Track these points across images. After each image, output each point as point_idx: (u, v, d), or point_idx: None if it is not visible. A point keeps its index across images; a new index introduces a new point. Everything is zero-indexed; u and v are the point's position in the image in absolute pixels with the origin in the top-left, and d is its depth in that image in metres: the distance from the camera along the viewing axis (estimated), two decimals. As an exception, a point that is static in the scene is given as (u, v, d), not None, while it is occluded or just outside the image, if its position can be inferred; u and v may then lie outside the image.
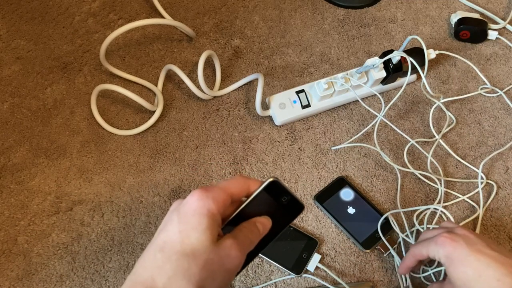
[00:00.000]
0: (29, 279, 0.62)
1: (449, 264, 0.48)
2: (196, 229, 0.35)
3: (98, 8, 0.81)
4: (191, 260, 0.34)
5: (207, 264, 0.34)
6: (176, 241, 0.35)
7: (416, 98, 0.76)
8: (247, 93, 0.76)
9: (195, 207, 0.36)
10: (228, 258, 0.35)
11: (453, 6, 0.85)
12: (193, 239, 0.34)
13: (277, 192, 0.41)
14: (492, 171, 0.70)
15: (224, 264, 0.35)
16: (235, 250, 0.35)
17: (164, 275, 0.33)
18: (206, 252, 0.34)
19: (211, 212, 0.35)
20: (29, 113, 0.72)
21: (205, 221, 0.35)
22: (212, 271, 0.34)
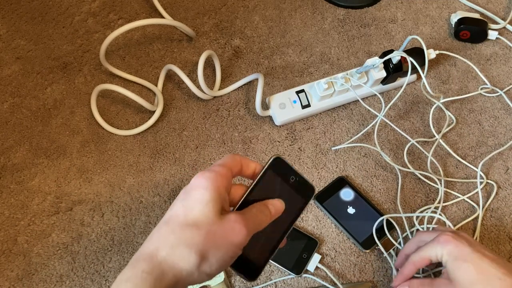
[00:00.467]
0: (29, 279, 0.62)
1: (452, 261, 0.48)
2: (199, 202, 0.35)
3: (98, 8, 0.81)
4: (194, 230, 0.34)
5: (210, 234, 0.34)
6: (180, 215, 0.35)
7: (416, 98, 0.76)
8: (247, 93, 0.76)
9: (198, 183, 0.36)
10: (232, 231, 0.35)
11: (453, 6, 0.85)
12: (196, 211, 0.35)
13: (283, 170, 0.41)
14: (492, 171, 0.70)
15: (227, 237, 0.35)
16: (239, 225, 0.35)
17: (167, 245, 0.34)
18: (209, 223, 0.35)
19: (214, 185, 0.36)
20: (29, 113, 0.72)
21: (208, 194, 0.36)
22: (214, 242, 0.34)
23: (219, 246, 0.35)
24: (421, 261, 0.52)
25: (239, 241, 0.35)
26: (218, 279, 0.61)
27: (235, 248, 0.36)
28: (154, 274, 0.33)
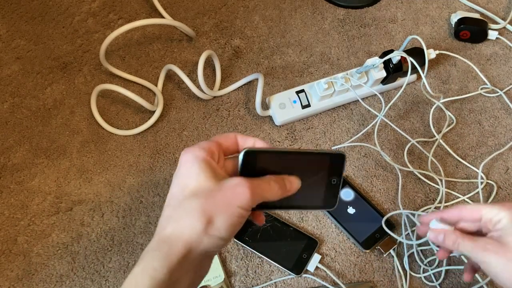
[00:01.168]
0: (29, 279, 0.62)
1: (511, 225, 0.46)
2: (190, 176, 0.36)
3: (98, 8, 0.81)
4: (193, 200, 0.35)
5: (209, 198, 0.34)
6: (177, 192, 0.36)
7: (416, 98, 0.76)
8: (247, 93, 0.76)
9: (183, 160, 0.37)
10: (232, 192, 0.35)
11: (453, 6, 0.85)
12: (191, 185, 0.35)
13: None
14: (492, 171, 0.70)
15: (228, 198, 0.35)
16: (242, 187, 0.35)
17: (171, 221, 0.35)
18: (206, 190, 0.35)
19: (200, 157, 0.36)
20: (29, 113, 0.72)
21: (196, 165, 0.36)
22: (216, 204, 0.34)
23: (222, 208, 0.34)
24: (471, 211, 0.48)
25: (242, 202, 0.35)
26: (218, 279, 0.61)
27: (240, 210, 0.35)
28: (162, 249, 0.34)
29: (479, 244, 0.46)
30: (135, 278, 0.34)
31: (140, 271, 0.34)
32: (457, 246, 0.47)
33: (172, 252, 0.34)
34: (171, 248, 0.34)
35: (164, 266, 0.33)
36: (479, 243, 0.46)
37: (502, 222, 0.46)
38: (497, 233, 0.46)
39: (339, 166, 0.43)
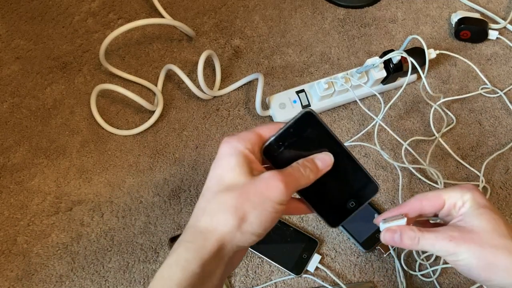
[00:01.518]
0: (28, 279, 0.61)
1: (476, 207, 0.41)
2: (227, 168, 0.36)
3: (98, 8, 0.81)
4: (227, 194, 0.35)
5: (244, 194, 0.34)
6: (213, 185, 0.36)
7: (417, 98, 0.76)
8: (247, 93, 0.76)
9: (222, 152, 0.37)
10: (266, 187, 0.35)
11: (454, 6, 0.85)
12: (226, 178, 0.35)
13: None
14: (493, 171, 0.70)
15: (262, 193, 0.34)
16: (275, 180, 0.35)
17: (205, 214, 0.35)
18: (241, 185, 0.35)
19: (238, 150, 0.36)
20: (29, 113, 0.72)
21: (234, 159, 0.36)
22: (249, 200, 0.34)
23: (256, 203, 0.34)
24: (432, 199, 0.42)
25: (276, 196, 0.34)
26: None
27: (275, 204, 0.35)
28: (196, 242, 0.34)
29: (443, 234, 0.40)
30: (168, 269, 0.34)
31: (173, 262, 0.34)
32: (417, 241, 0.40)
33: (206, 246, 0.34)
34: (205, 241, 0.34)
35: (197, 258, 0.33)
36: (442, 233, 0.40)
37: (466, 206, 0.41)
38: (461, 219, 0.41)
39: (368, 194, 0.41)
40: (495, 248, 0.38)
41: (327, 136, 0.39)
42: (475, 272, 0.39)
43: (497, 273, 0.38)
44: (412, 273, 0.63)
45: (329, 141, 0.39)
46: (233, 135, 0.38)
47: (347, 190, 0.41)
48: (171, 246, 0.63)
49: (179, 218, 0.66)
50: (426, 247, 0.40)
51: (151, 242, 0.64)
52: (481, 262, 0.38)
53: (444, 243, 0.39)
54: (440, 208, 0.42)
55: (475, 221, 0.40)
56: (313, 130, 0.38)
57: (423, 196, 0.43)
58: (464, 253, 0.39)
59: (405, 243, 0.41)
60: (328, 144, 0.39)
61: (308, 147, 0.38)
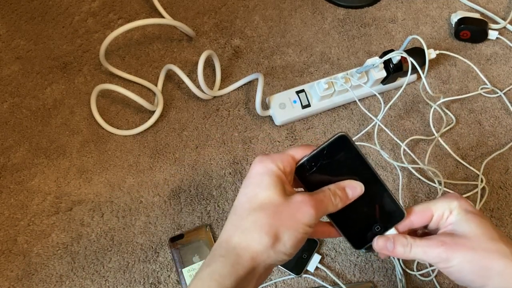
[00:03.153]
0: (28, 279, 0.61)
1: (464, 213, 0.40)
2: (260, 187, 0.37)
3: (98, 8, 0.81)
4: (261, 213, 0.35)
5: (277, 214, 0.35)
6: (245, 202, 0.37)
7: (416, 98, 0.76)
8: (247, 93, 0.76)
9: (255, 171, 0.38)
10: (298, 210, 0.36)
11: (453, 6, 0.85)
12: (260, 196, 0.36)
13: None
14: (493, 171, 0.70)
15: (294, 215, 0.35)
16: (306, 205, 0.36)
17: (238, 231, 0.36)
18: (275, 205, 0.36)
19: (271, 170, 0.37)
20: (29, 113, 0.72)
21: (267, 178, 0.37)
22: (282, 221, 0.35)
23: (288, 225, 0.35)
24: (421, 213, 0.42)
25: (307, 221, 0.36)
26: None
27: (305, 227, 0.36)
28: (230, 258, 0.35)
29: (434, 241, 0.40)
30: (201, 282, 0.35)
31: (207, 275, 0.35)
32: (410, 248, 0.40)
33: (240, 263, 0.35)
34: (239, 258, 0.35)
35: (232, 274, 0.34)
36: (434, 240, 0.40)
37: (453, 213, 0.41)
38: (450, 227, 0.41)
39: (394, 220, 0.42)
40: (487, 252, 0.38)
41: (359, 161, 0.40)
42: (468, 277, 0.39)
43: (491, 277, 0.38)
44: (411, 272, 0.63)
45: (361, 165, 0.40)
46: (266, 155, 0.39)
47: (374, 215, 0.42)
48: (171, 246, 0.63)
49: (179, 218, 0.66)
50: (418, 254, 0.40)
51: (151, 242, 0.64)
52: (474, 267, 0.38)
53: (436, 249, 0.39)
54: (428, 220, 0.43)
55: (465, 227, 0.40)
56: (346, 153, 0.39)
57: (411, 211, 0.43)
58: (457, 258, 0.38)
59: (398, 251, 0.41)
60: (360, 168, 0.40)
61: (340, 170, 0.39)
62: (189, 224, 0.66)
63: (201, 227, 0.65)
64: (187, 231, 0.65)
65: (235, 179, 0.69)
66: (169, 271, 0.63)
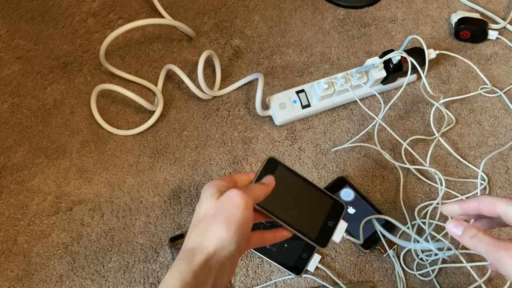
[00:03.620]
0: (28, 279, 0.62)
1: None
2: (202, 201, 0.43)
3: (98, 8, 0.81)
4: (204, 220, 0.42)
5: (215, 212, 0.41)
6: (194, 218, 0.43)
7: (417, 98, 0.76)
8: (247, 93, 0.76)
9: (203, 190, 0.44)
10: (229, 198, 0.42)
11: (453, 6, 0.85)
12: (202, 207, 0.43)
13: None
14: (492, 171, 0.70)
15: (228, 202, 0.41)
16: (236, 192, 0.42)
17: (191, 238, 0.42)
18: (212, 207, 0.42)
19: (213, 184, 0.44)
20: (29, 113, 0.72)
21: (208, 191, 0.43)
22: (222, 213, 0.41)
23: (226, 214, 0.41)
24: (489, 205, 0.44)
25: (240, 201, 0.41)
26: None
27: (242, 210, 0.41)
28: (186, 257, 0.41)
29: (501, 244, 0.41)
30: (166, 282, 0.40)
31: (169, 276, 0.40)
32: (475, 241, 0.42)
33: (195, 259, 0.40)
34: (193, 256, 0.40)
35: (190, 270, 0.39)
36: (500, 243, 0.41)
37: None
38: None
39: (339, 212, 0.49)
40: None
41: (292, 174, 0.48)
42: None
43: None
44: (411, 272, 0.63)
45: (295, 177, 0.48)
46: (212, 181, 0.45)
47: (323, 214, 0.49)
48: (171, 246, 0.63)
49: (179, 218, 0.66)
50: (480, 249, 0.42)
51: (151, 242, 0.64)
52: None
53: (499, 252, 0.41)
54: (495, 215, 0.44)
55: None
56: (279, 170, 0.48)
57: (482, 200, 0.45)
58: None
59: (464, 239, 0.44)
60: (294, 179, 0.48)
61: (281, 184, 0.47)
62: (189, 224, 0.66)
63: (201, 227, 0.65)
64: (187, 231, 0.64)
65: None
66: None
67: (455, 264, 0.63)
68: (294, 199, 0.48)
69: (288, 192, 0.48)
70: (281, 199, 0.47)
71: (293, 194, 0.48)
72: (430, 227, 0.64)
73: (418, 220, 0.65)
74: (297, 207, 0.48)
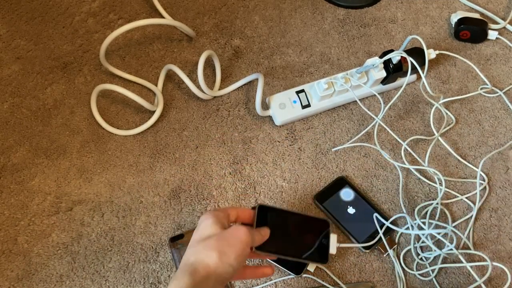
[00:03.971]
0: (29, 279, 0.62)
1: None
2: (206, 226, 0.47)
3: (98, 8, 0.81)
4: (208, 240, 0.46)
5: (221, 237, 0.46)
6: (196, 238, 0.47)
7: (416, 98, 0.76)
8: (247, 93, 0.76)
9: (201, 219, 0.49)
10: (237, 232, 0.47)
11: (453, 6, 0.85)
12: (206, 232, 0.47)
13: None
14: (492, 171, 0.70)
15: (234, 235, 0.46)
16: (243, 228, 0.47)
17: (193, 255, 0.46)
18: (218, 233, 0.47)
19: (212, 217, 0.48)
20: (29, 113, 0.72)
21: (210, 221, 0.47)
22: (226, 240, 0.46)
23: (231, 243, 0.46)
24: None
25: (244, 238, 0.46)
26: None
27: (244, 244, 0.46)
28: (189, 271, 0.44)
29: None
30: None
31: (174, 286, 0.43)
32: None
33: (197, 273, 0.44)
34: (196, 271, 0.44)
35: (191, 283, 0.43)
36: None
37: None
38: None
39: (327, 229, 0.55)
40: None
41: (281, 212, 0.54)
42: None
43: None
44: (411, 272, 0.63)
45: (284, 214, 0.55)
46: (210, 211, 0.50)
47: (313, 235, 0.55)
48: (171, 246, 0.63)
49: (179, 218, 0.66)
50: None
51: (151, 242, 0.64)
52: None
53: None
54: None
55: None
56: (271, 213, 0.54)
57: None
58: None
59: None
60: (284, 216, 0.54)
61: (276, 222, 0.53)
62: (189, 224, 0.66)
63: (201, 227, 0.65)
64: (187, 231, 0.65)
65: (235, 179, 0.69)
66: (169, 271, 0.63)
67: (455, 264, 0.63)
68: (287, 233, 0.54)
69: (282, 229, 0.54)
70: (278, 236, 0.53)
71: (286, 229, 0.54)
72: (430, 227, 0.64)
73: (418, 220, 0.65)
74: (292, 238, 0.54)
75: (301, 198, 0.68)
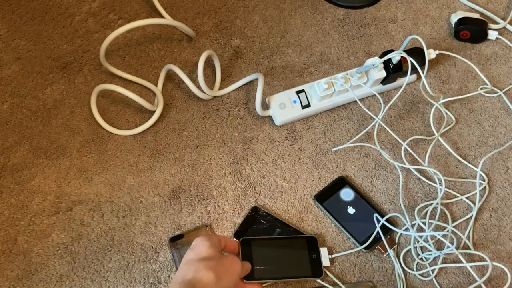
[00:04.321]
0: (29, 279, 0.62)
1: None
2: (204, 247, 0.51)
3: (98, 8, 0.81)
4: (207, 260, 0.50)
5: (220, 263, 0.50)
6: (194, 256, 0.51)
7: (416, 98, 0.76)
8: (247, 93, 0.76)
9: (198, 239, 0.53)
10: (233, 262, 0.52)
11: (453, 6, 0.85)
12: (205, 253, 0.51)
13: None
14: (492, 171, 0.70)
15: (230, 265, 0.52)
16: (237, 261, 0.53)
17: (191, 272, 0.49)
18: (217, 257, 0.51)
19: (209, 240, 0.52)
20: (29, 113, 0.72)
21: (207, 243, 0.52)
22: (224, 268, 0.50)
23: (228, 271, 0.51)
24: None
25: (238, 270, 0.52)
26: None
27: (237, 275, 0.52)
28: (187, 286, 0.47)
29: None
30: None
31: None
32: None
33: None
34: (194, 286, 0.47)
35: None
36: None
37: None
38: None
39: (314, 245, 0.61)
40: None
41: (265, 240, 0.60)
42: None
43: None
44: (411, 272, 0.63)
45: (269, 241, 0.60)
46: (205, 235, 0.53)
47: (303, 253, 0.59)
48: (171, 246, 0.63)
49: (179, 218, 0.66)
50: None
51: (151, 242, 0.64)
52: None
53: None
54: None
55: None
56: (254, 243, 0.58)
57: None
58: None
59: None
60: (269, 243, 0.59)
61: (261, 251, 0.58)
62: (189, 224, 0.66)
63: (201, 227, 0.65)
64: (187, 231, 0.65)
65: (235, 179, 0.69)
66: (169, 271, 0.63)
67: (455, 264, 0.63)
68: (275, 257, 0.58)
69: (268, 255, 0.57)
70: (266, 263, 0.57)
71: (272, 255, 0.58)
72: (430, 227, 0.64)
73: (418, 220, 0.65)
74: (280, 261, 0.57)
75: (301, 198, 0.68)
